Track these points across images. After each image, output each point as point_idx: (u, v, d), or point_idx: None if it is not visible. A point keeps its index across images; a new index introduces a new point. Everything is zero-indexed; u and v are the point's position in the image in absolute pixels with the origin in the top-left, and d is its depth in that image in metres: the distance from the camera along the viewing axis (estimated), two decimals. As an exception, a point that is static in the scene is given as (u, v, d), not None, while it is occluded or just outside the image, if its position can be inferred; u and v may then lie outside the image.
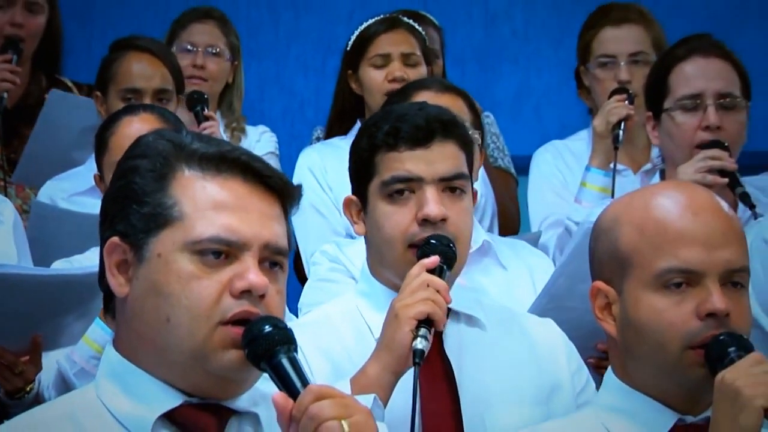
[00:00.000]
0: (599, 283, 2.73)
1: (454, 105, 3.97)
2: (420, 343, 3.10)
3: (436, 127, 3.34)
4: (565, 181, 5.01)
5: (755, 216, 3.97)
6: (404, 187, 3.30)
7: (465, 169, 3.38)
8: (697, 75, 4.18)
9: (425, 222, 3.27)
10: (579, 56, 5.27)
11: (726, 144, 4.09)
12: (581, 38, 5.25)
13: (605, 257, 2.73)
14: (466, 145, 3.40)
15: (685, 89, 4.17)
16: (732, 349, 2.58)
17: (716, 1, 7.41)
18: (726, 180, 4.03)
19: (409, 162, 3.30)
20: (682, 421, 2.67)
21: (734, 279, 2.65)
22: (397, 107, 3.52)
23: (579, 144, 5.18)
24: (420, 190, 3.29)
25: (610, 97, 4.84)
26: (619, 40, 5.09)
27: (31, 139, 5.12)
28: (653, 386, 2.69)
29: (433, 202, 3.27)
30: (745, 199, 4.05)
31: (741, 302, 2.65)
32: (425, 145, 3.31)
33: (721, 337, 2.59)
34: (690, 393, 2.67)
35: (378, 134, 3.34)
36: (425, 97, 3.91)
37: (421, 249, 3.25)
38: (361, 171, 3.38)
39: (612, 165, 4.62)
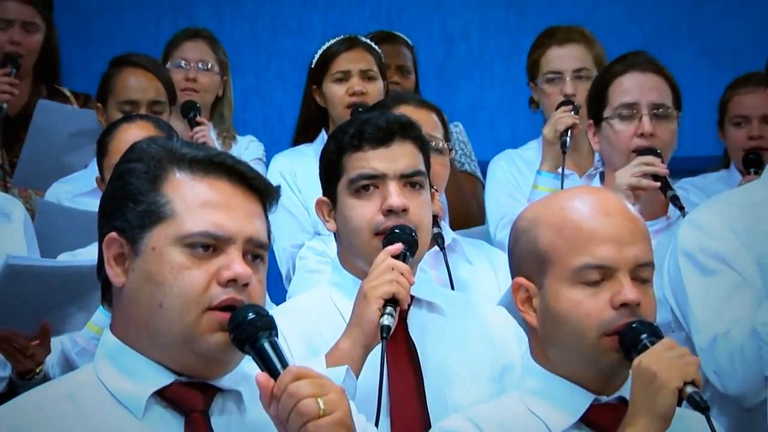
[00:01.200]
0: (520, 279, 2.73)
1: (429, 119, 4.00)
2: (386, 320, 3.13)
3: (396, 129, 3.35)
4: (518, 184, 5.01)
5: (684, 217, 3.96)
6: (369, 183, 3.32)
7: (422, 167, 3.39)
8: (633, 87, 4.17)
9: (389, 212, 3.29)
10: (529, 73, 5.26)
11: (659, 151, 4.09)
12: (530, 57, 5.24)
13: (525, 255, 2.73)
14: (423, 146, 3.41)
15: (623, 100, 4.17)
16: (644, 335, 2.59)
17: (650, 22, 7.43)
18: (659, 184, 4.02)
19: (373, 160, 3.32)
20: (597, 401, 2.67)
21: (642, 274, 2.66)
22: (361, 115, 3.56)
23: (530, 152, 5.18)
24: (383, 185, 3.31)
25: (557, 108, 4.83)
26: (564, 58, 5.09)
27: (25, 145, 5.11)
28: (571, 370, 2.69)
29: (395, 195, 3.29)
30: (675, 201, 4.05)
31: (648, 294, 2.67)
32: (387, 145, 3.33)
33: (634, 325, 2.60)
34: (605, 375, 2.68)
35: (344, 138, 3.35)
36: (404, 110, 3.92)
37: (387, 237, 3.27)
38: (330, 172, 3.39)
39: (560, 169, 4.62)
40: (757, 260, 3.38)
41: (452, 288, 3.77)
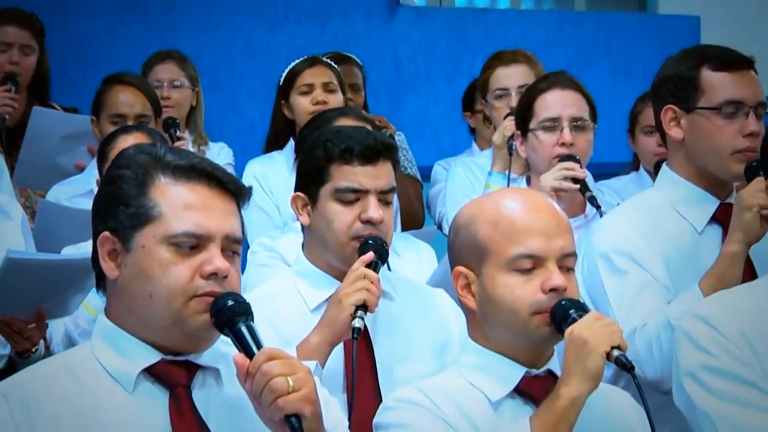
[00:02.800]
0: (460, 268, 2.72)
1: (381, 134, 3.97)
2: (358, 323, 3.15)
3: (382, 149, 3.35)
4: (474, 186, 4.99)
5: (600, 215, 3.95)
6: (354, 197, 3.31)
7: (395, 184, 3.40)
8: (555, 102, 4.15)
9: (367, 223, 3.29)
10: (479, 91, 5.25)
11: (577, 158, 4.07)
12: (481, 77, 5.23)
13: (465, 247, 2.72)
14: (396, 164, 3.42)
15: (546, 113, 4.14)
16: (572, 310, 2.59)
17: (571, 46, 7.47)
18: (578, 186, 4.02)
19: (361, 175, 3.30)
20: (529, 373, 2.66)
21: (566, 262, 2.66)
22: (346, 129, 3.52)
23: (483, 159, 5.17)
24: (365, 198, 3.30)
25: (504, 119, 4.82)
26: (510, 76, 5.06)
27: (22, 148, 5.09)
28: (506, 346, 2.68)
29: (374, 209, 3.29)
30: (593, 201, 4.04)
31: (572, 281, 2.66)
32: (373, 163, 3.32)
33: (563, 302, 2.60)
34: (536, 349, 2.67)
35: (334, 149, 3.32)
36: (345, 121, 3.91)
37: (361, 247, 3.28)
38: (314, 175, 3.36)
39: (507, 170, 4.61)
40: (663, 260, 3.37)
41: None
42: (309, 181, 3.38)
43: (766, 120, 3.42)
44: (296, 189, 3.43)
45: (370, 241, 3.27)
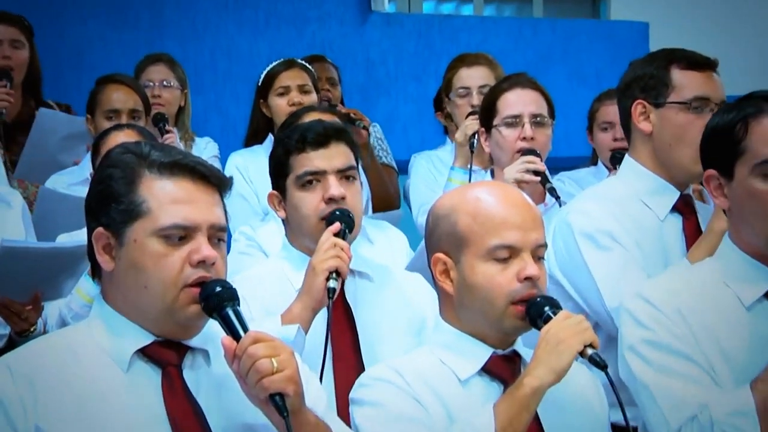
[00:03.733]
0: (439, 255, 2.71)
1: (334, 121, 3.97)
2: (332, 284, 3.17)
3: (332, 133, 3.36)
4: (435, 179, 5.00)
5: (560, 204, 3.96)
6: (313, 178, 3.32)
7: (354, 162, 3.40)
8: (517, 101, 4.16)
9: (330, 200, 3.30)
10: (443, 90, 5.23)
11: (538, 152, 4.08)
12: (445, 77, 5.22)
13: (444, 236, 2.71)
14: (353, 146, 3.41)
15: (509, 111, 4.15)
16: (547, 307, 2.59)
17: (530, 50, 7.48)
18: (539, 178, 4.02)
19: (316, 159, 3.33)
20: (496, 353, 2.66)
21: (539, 253, 2.65)
22: (301, 124, 3.54)
23: (444, 153, 5.17)
24: (324, 179, 3.32)
25: (466, 117, 4.82)
26: (472, 77, 5.05)
27: (27, 145, 5.07)
28: (477, 329, 2.68)
29: (334, 186, 3.30)
30: (552, 192, 4.03)
31: (543, 269, 2.66)
32: (325, 146, 3.33)
33: (538, 299, 2.60)
34: (506, 335, 2.67)
35: (290, 142, 3.35)
36: (315, 115, 3.92)
37: (328, 219, 3.29)
38: (279, 171, 3.39)
39: (469, 165, 4.61)
40: (635, 242, 3.36)
41: None
42: (277, 177, 3.41)
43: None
44: (272, 186, 3.45)
45: (337, 212, 3.30)
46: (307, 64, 5.25)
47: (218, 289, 2.38)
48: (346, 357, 3.23)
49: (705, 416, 2.55)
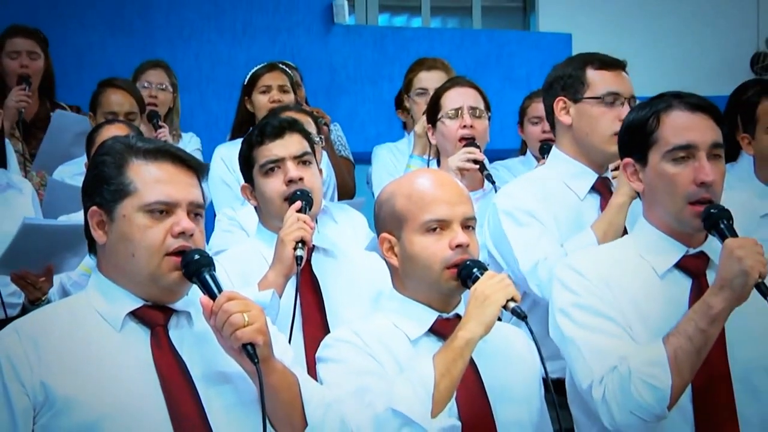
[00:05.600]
0: (384, 234, 2.70)
1: (306, 120, 3.95)
2: (299, 252, 3.17)
3: (285, 125, 3.36)
4: (396, 166, 4.98)
5: (495, 189, 3.97)
6: (273, 165, 3.32)
7: (309, 149, 3.39)
8: (457, 97, 4.16)
9: (290, 182, 3.30)
10: (404, 89, 5.21)
11: (477, 143, 4.09)
12: (406, 77, 5.19)
13: (387, 217, 2.70)
14: (306, 135, 3.41)
15: (450, 105, 4.15)
16: (475, 269, 2.58)
17: (469, 57, 7.46)
18: (478, 166, 4.03)
19: (274, 149, 3.33)
20: (441, 317, 2.66)
21: (468, 224, 2.65)
22: (261, 120, 3.57)
23: (403, 145, 5.13)
24: (283, 165, 3.32)
25: (423, 114, 4.80)
26: (430, 79, 5.02)
27: (44, 141, 5.06)
28: (422, 295, 2.67)
29: (292, 170, 3.31)
30: (489, 178, 4.06)
31: (473, 238, 2.65)
32: (281, 137, 3.33)
33: (468, 262, 2.59)
34: (446, 297, 2.66)
35: (252, 138, 3.36)
36: (289, 114, 3.87)
37: (290, 198, 3.29)
38: (246, 164, 3.39)
39: (426, 154, 4.58)
40: (553, 219, 3.37)
41: None
42: (246, 171, 3.41)
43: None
44: (245, 181, 3.44)
45: (298, 192, 3.30)
46: (287, 68, 5.25)
47: (197, 256, 2.37)
48: (314, 320, 3.22)
49: (624, 366, 2.55)
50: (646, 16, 8.52)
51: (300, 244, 3.17)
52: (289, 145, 3.33)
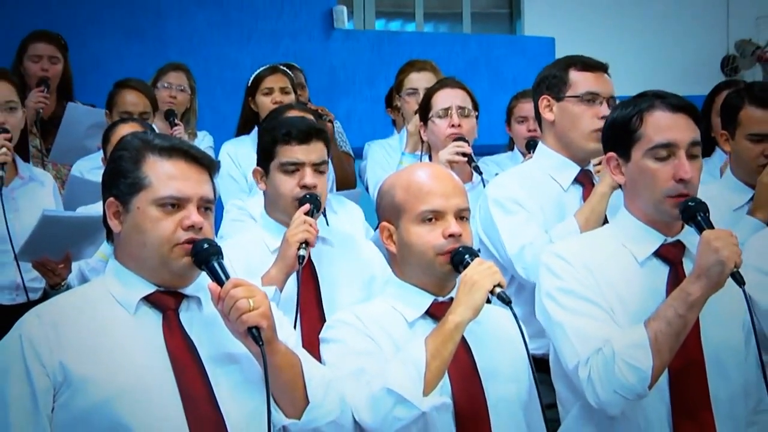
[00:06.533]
0: (384, 223, 2.69)
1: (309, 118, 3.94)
2: (302, 252, 3.18)
3: (313, 133, 3.34)
4: (387, 162, 4.97)
5: (483, 181, 3.98)
6: (293, 168, 3.31)
7: (326, 158, 3.38)
8: (446, 97, 4.15)
9: (304, 187, 3.29)
10: (395, 89, 5.21)
11: (466, 138, 4.09)
12: (397, 79, 5.19)
13: (387, 207, 2.69)
14: (327, 143, 3.39)
15: (440, 105, 4.14)
16: (467, 256, 2.57)
17: (458, 61, 7.44)
18: (466, 159, 4.03)
19: (298, 153, 3.31)
20: (436, 300, 2.65)
21: (462, 214, 2.63)
22: (287, 118, 3.53)
23: (393, 141, 5.14)
24: (302, 169, 3.31)
25: (415, 113, 4.79)
26: (420, 80, 5.02)
27: (59, 134, 5.06)
28: (418, 280, 2.65)
29: (309, 177, 3.30)
30: (477, 169, 4.06)
31: (466, 228, 2.63)
32: (306, 143, 3.31)
33: (460, 249, 2.58)
34: (440, 282, 2.64)
35: (278, 134, 3.33)
36: (294, 112, 3.89)
37: (300, 200, 3.28)
38: (266, 154, 3.36)
39: (418, 151, 4.57)
40: (539, 208, 3.38)
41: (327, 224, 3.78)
42: (263, 159, 3.38)
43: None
44: (257, 164, 3.42)
45: (307, 196, 3.29)
46: (288, 70, 5.24)
47: (206, 245, 2.36)
48: (310, 306, 3.22)
49: (608, 348, 2.54)
50: (625, 21, 8.54)
51: (303, 246, 3.18)
52: (312, 152, 3.32)
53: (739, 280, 2.48)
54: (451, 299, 2.64)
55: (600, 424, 2.66)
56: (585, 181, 3.45)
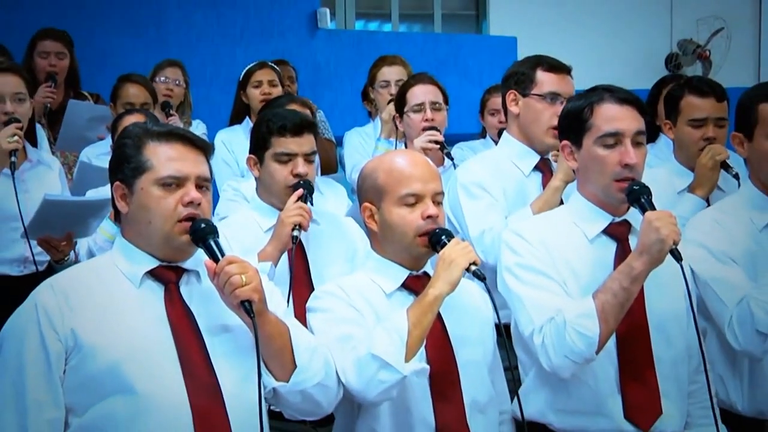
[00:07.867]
0: (366, 204, 2.66)
1: (304, 109, 3.93)
2: (295, 233, 3.17)
3: (305, 125, 3.32)
4: (363, 147, 4.96)
5: (454, 166, 3.98)
6: (287, 158, 3.28)
7: (315, 149, 3.36)
8: (420, 93, 4.14)
9: (297, 175, 3.27)
10: (369, 82, 5.19)
11: (438, 128, 4.09)
12: (370, 73, 5.17)
13: (369, 189, 2.66)
14: (316, 135, 3.38)
15: (414, 100, 4.13)
16: (444, 237, 2.56)
17: (430, 57, 7.42)
18: (438, 146, 4.03)
19: (291, 144, 3.28)
20: (411, 274, 2.64)
21: (437, 198, 2.62)
22: (282, 110, 3.49)
23: (369, 129, 5.11)
24: (295, 159, 3.29)
25: (388, 103, 4.76)
26: (391, 73, 5.02)
27: (62, 126, 5.02)
28: (396, 256, 2.64)
29: (301, 166, 3.28)
30: (449, 155, 4.07)
31: (441, 211, 2.62)
32: (300, 135, 3.29)
33: (437, 231, 2.57)
34: (416, 259, 2.64)
35: (273, 126, 3.30)
36: (293, 106, 3.87)
37: (294, 186, 3.27)
38: (260, 143, 3.32)
39: (394, 138, 4.55)
40: (502, 192, 3.38)
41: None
42: (257, 148, 3.34)
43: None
44: (250, 152, 3.40)
45: (301, 183, 3.27)
46: (275, 65, 5.25)
47: (203, 225, 2.35)
48: (301, 280, 3.22)
49: (560, 317, 2.56)
50: (579, 23, 8.55)
51: (297, 227, 3.18)
52: (304, 144, 3.30)
53: (677, 256, 2.51)
54: (425, 273, 2.64)
55: (555, 386, 2.68)
56: (544, 168, 3.45)
